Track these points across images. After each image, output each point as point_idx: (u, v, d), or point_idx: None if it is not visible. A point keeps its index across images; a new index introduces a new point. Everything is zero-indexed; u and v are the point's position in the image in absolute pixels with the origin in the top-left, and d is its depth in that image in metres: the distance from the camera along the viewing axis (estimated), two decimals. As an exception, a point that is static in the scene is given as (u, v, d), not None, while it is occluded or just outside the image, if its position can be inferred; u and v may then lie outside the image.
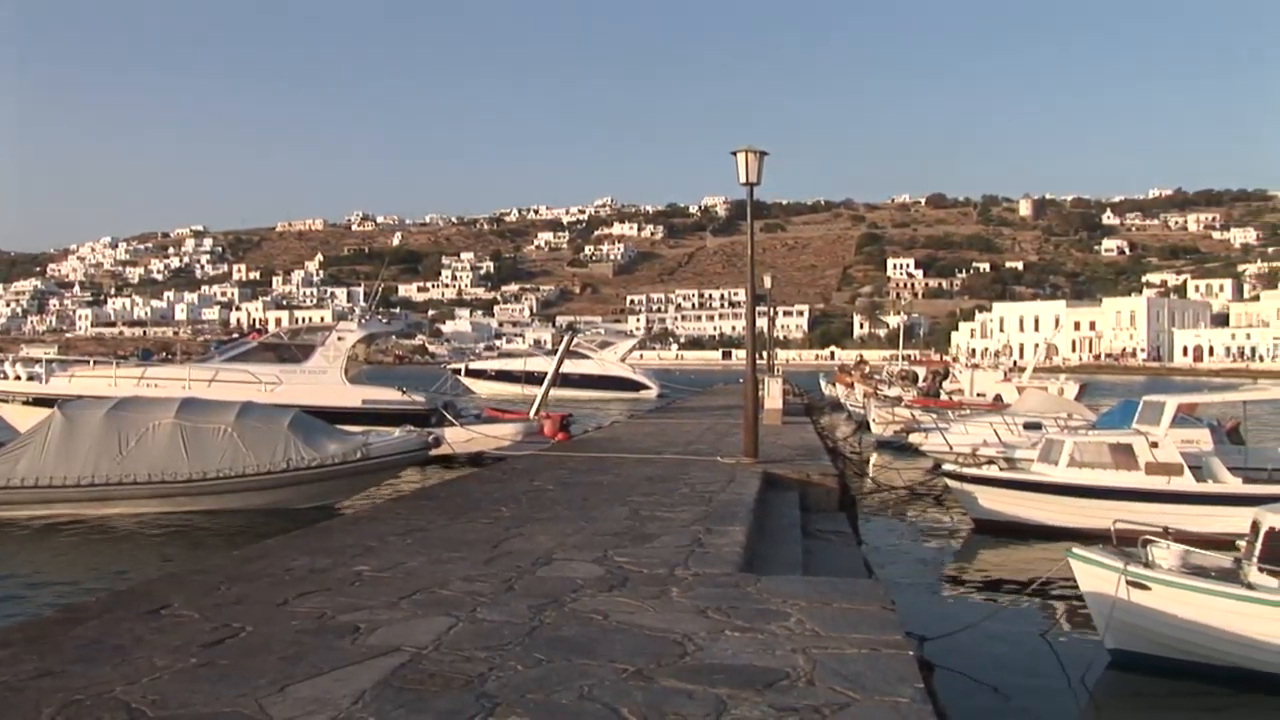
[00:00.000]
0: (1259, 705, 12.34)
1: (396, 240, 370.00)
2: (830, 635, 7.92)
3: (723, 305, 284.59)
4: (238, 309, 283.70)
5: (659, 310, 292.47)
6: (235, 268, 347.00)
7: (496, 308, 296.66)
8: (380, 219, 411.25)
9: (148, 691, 6.54)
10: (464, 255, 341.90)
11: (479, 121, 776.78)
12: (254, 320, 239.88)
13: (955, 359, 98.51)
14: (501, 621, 8.26)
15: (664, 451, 23.38)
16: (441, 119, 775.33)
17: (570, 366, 49.45)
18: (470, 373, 74.39)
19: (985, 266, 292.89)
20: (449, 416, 31.78)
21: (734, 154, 20.57)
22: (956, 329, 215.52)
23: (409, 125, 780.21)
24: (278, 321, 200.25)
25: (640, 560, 10.76)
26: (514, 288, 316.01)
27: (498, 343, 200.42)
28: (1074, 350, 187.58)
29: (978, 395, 52.43)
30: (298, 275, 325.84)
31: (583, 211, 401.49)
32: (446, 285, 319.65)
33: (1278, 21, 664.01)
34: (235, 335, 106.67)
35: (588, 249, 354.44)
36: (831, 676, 6.91)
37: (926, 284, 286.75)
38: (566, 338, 44.12)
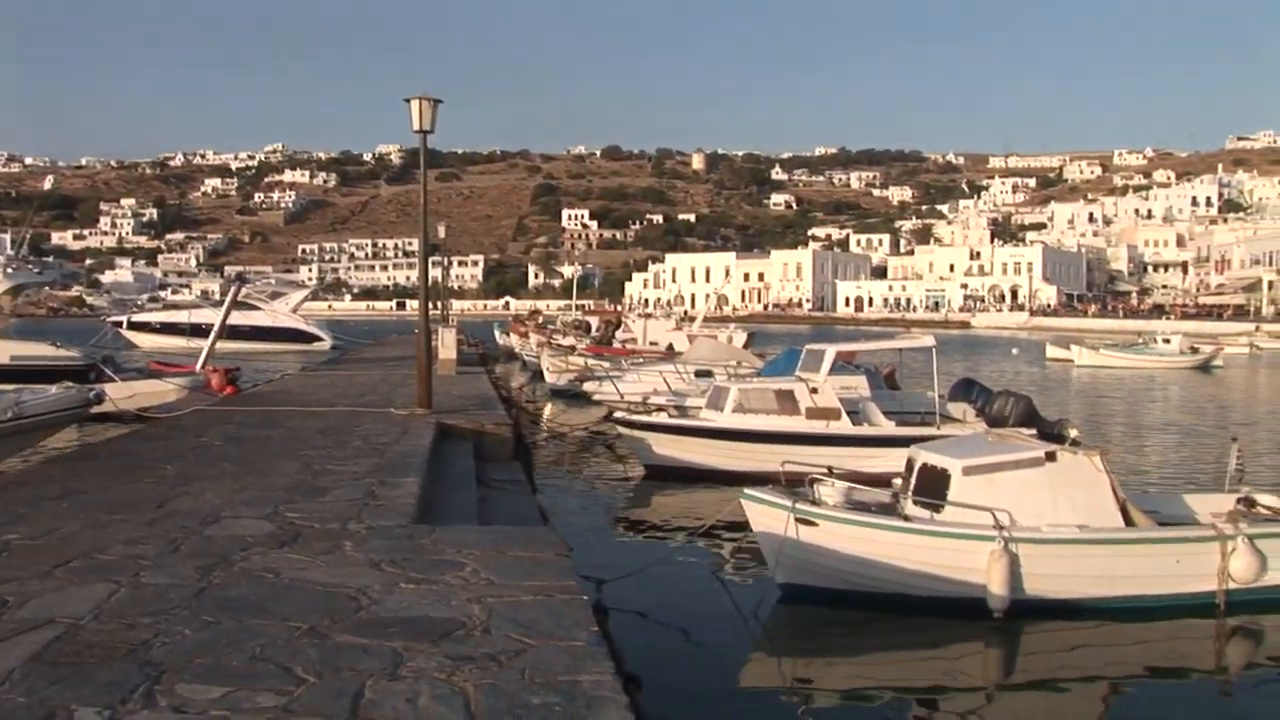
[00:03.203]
0: (916, 626, 13.16)
1: (48, 184, 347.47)
2: (505, 583, 7.98)
3: (397, 255, 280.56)
4: None
5: (332, 260, 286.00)
6: None
7: (161, 257, 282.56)
8: (29, 160, 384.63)
9: None
10: (125, 201, 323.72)
11: (138, 59, 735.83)
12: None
13: (628, 308, 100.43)
14: (167, 585, 7.96)
15: (337, 404, 22.99)
16: (95, 54, 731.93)
17: (239, 318, 47.91)
18: (133, 325, 71.26)
19: (658, 218, 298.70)
20: (109, 372, 30.28)
21: (408, 101, 20.30)
22: (630, 279, 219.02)
23: (58, 58, 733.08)
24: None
25: (312, 515, 10.57)
26: (179, 236, 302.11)
27: (162, 294, 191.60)
28: (743, 300, 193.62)
29: (650, 344, 53.51)
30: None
31: (252, 157, 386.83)
32: (105, 233, 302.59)
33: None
34: None
35: (258, 196, 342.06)
36: (507, 624, 6.98)
37: (601, 235, 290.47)
38: (234, 288, 42.56)
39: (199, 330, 54.62)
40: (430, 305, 23.93)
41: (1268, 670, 12.65)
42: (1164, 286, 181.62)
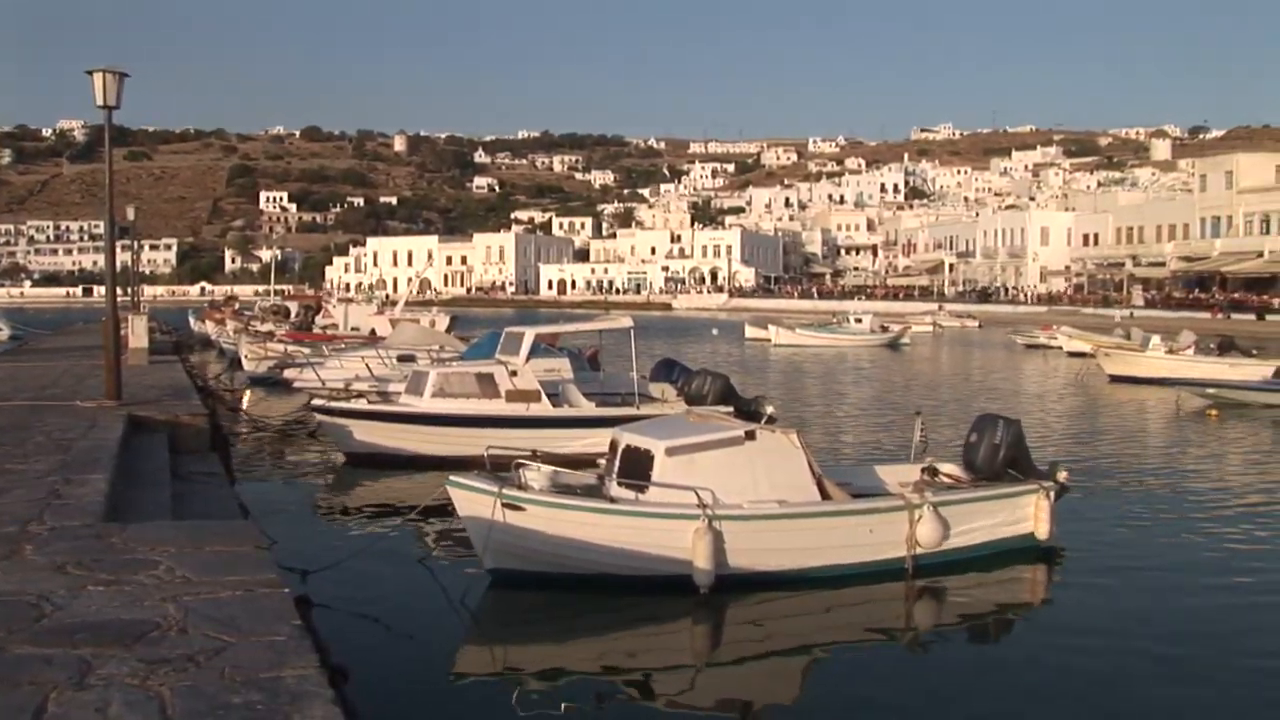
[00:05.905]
0: (625, 606, 13.44)
1: None
2: (203, 580, 7.68)
3: (83, 238, 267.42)
4: None
5: (9, 243, 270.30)
6: None
7: None
8: None
9: None
10: None
11: None
12: None
13: (329, 293, 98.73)
14: None
15: (14, 398, 21.66)
16: None
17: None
18: None
19: (360, 201, 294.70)
20: None
21: (90, 74, 19.26)
22: (331, 263, 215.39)
23: None
24: None
25: (-13, 518, 9.91)
26: None
27: None
28: (447, 284, 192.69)
29: (352, 329, 52.81)
30: None
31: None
32: None
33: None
34: None
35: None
36: (205, 622, 6.71)
37: (300, 218, 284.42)
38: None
39: None
40: (119, 291, 22.88)
41: (951, 628, 13.54)
42: (856, 269, 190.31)
